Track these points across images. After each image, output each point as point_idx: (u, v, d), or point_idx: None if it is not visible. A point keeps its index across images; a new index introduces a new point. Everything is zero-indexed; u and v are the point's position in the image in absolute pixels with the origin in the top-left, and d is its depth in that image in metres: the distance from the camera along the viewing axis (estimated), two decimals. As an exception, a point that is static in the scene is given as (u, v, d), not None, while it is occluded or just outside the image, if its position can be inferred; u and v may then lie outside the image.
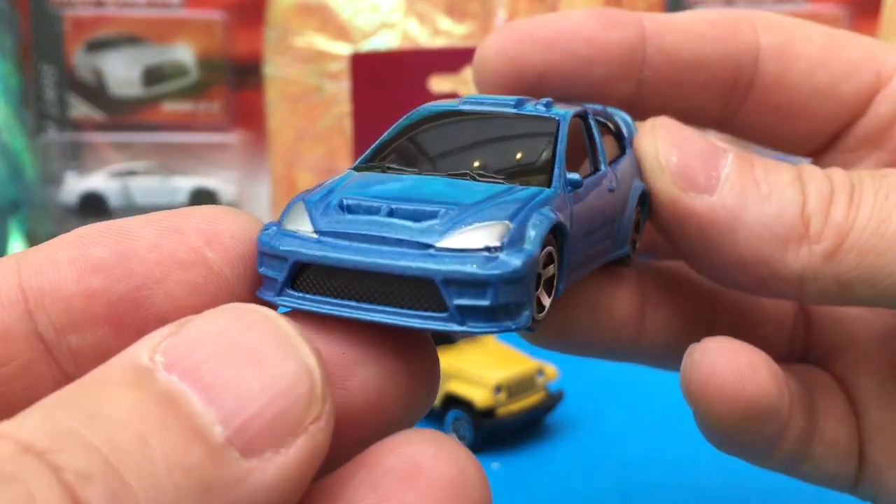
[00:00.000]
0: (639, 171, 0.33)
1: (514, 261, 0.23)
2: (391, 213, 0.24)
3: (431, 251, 0.23)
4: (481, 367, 0.56)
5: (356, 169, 0.28)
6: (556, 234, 0.25)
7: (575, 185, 0.27)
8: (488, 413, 0.54)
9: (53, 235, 0.84)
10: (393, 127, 0.30)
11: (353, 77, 0.79)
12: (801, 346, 0.39)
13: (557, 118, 0.29)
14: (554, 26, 0.34)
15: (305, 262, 0.24)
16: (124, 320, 0.24)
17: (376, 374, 0.24)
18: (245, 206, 0.91)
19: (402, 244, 0.23)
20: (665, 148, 0.31)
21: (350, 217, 0.24)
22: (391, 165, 0.28)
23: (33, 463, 0.17)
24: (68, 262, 0.24)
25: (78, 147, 0.92)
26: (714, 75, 0.35)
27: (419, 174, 0.27)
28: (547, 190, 0.26)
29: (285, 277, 0.24)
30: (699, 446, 0.54)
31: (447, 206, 0.24)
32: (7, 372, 0.23)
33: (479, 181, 0.26)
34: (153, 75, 0.92)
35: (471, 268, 0.23)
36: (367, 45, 0.83)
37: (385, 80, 0.78)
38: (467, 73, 0.79)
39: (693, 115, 0.36)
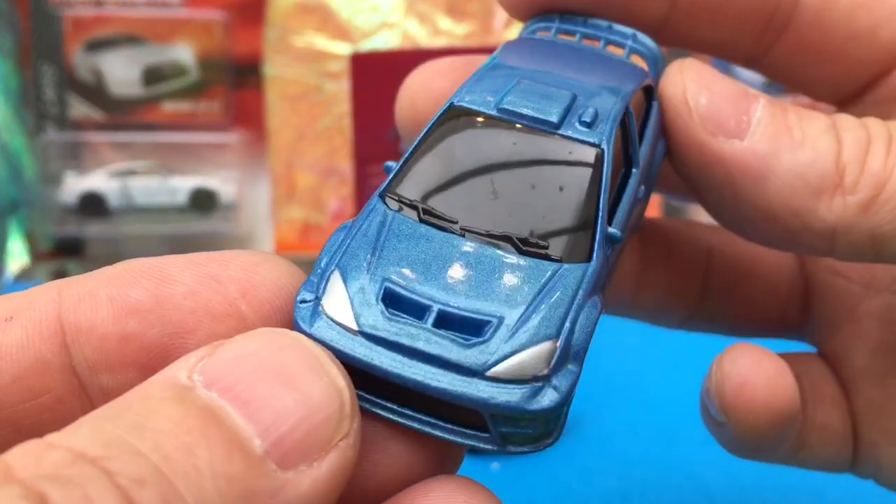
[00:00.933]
0: (661, 123, 0.31)
1: (560, 391, 0.23)
2: (438, 321, 0.23)
3: (480, 380, 0.22)
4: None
5: (384, 196, 0.26)
6: None
7: (614, 241, 0.26)
8: (488, 413, 0.54)
9: (53, 235, 0.85)
10: (423, 134, 0.27)
11: (353, 77, 0.79)
12: (795, 317, 0.39)
13: (601, 147, 0.26)
14: None
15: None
16: (154, 365, 0.23)
17: (408, 448, 0.24)
18: (245, 206, 0.91)
19: (452, 367, 0.22)
20: (694, 89, 0.30)
21: (394, 320, 0.23)
22: (429, 209, 0.25)
23: (88, 468, 0.18)
24: (107, 301, 0.24)
25: (78, 147, 0.92)
26: (751, 4, 0.33)
27: (460, 232, 0.25)
28: (589, 268, 0.24)
29: None
30: (699, 446, 0.54)
31: (495, 315, 0.23)
32: (41, 403, 0.23)
33: (523, 252, 0.24)
34: (153, 75, 0.92)
35: (518, 404, 0.22)
36: (367, 45, 0.83)
37: (385, 80, 0.78)
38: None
39: (723, 48, 0.34)
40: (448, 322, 0.23)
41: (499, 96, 0.27)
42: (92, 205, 0.90)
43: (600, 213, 0.25)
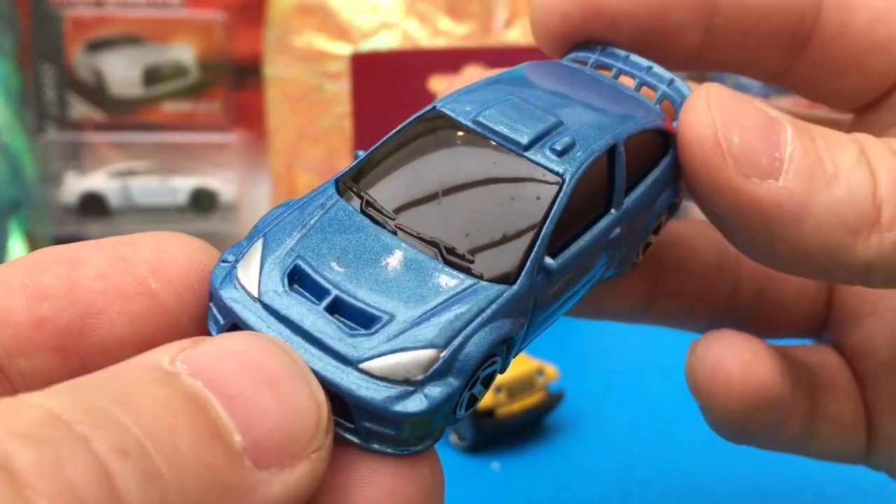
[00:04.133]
0: (674, 168, 0.30)
1: (429, 400, 0.22)
2: (332, 306, 0.23)
3: (352, 370, 0.22)
4: (481, 367, 0.56)
5: (340, 183, 0.26)
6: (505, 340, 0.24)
7: (549, 272, 0.25)
8: (488, 413, 0.54)
9: (53, 235, 0.86)
10: (396, 130, 0.28)
11: (353, 77, 0.79)
12: (820, 316, 0.39)
13: (562, 178, 0.26)
14: None
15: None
16: (68, 348, 0.24)
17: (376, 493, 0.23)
18: (245, 206, 0.91)
19: (329, 351, 0.23)
20: (725, 126, 0.28)
21: (291, 296, 0.23)
22: (372, 200, 0.25)
23: (64, 430, 0.17)
24: (20, 288, 0.24)
25: (78, 147, 0.92)
26: (779, 25, 0.33)
27: (392, 229, 0.25)
28: (508, 291, 0.24)
29: (221, 330, 0.24)
30: (699, 446, 0.54)
31: (389, 313, 0.23)
32: None
33: (445, 260, 0.24)
34: (153, 75, 0.92)
35: (382, 401, 0.22)
36: (367, 45, 0.83)
37: (385, 80, 0.78)
38: (468, 73, 0.79)
39: (749, 68, 0.34)
40: (341, 309, 0.23)
41: (481, 109, 0.27)
42: (92, 205, 0.90)
43: (539, 242, 0.25)
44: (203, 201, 0.91)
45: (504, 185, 0.26)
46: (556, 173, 0.26)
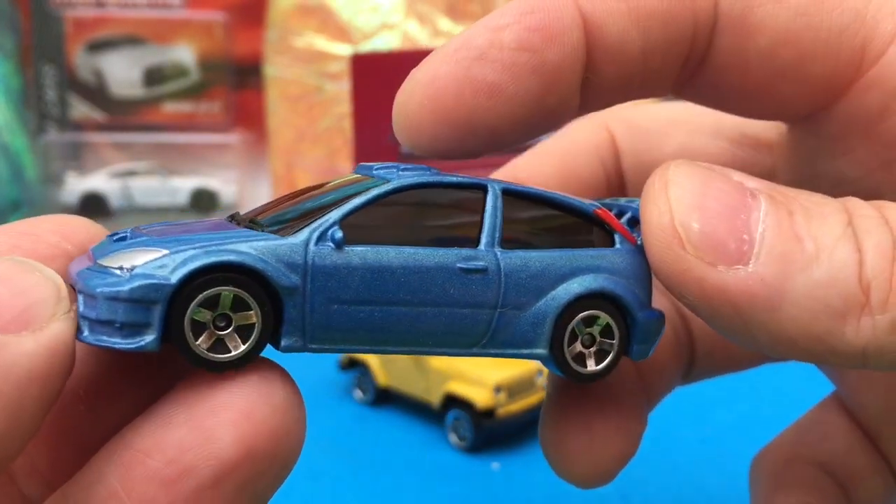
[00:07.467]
0: (623, 265, 0.30)
1: (128, 283, 0.24)
2: (121, 238, 0.26)
3: (94, 266, 0.25)
4: (481, 368, 0.56)
5: (245, 220, 0.30)
6: (259, 279, 0.26)
7: (335, 241, 0.27)
8: (488, 413, 0.54)
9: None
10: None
11: (353, 77, 0.79)
12: None
13: (384, 180, 0.29)
14: (493, 64, 0.29)
15: None
16: None
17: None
18: (245, 207, 0.92)
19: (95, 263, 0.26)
20: (683, 212, 0.26)
21: (108, 243, 0.27)
22: (255, 221, 0.29)
23: None
24: None
25: (78, 147, 0.92)
26: (660, 69, 0.30)
27: (238, 221, 0.29)
28: (275, 239, 0.27)
29: None
30: (699, 446, 0.54)
31: (156, 238, 0.26)
32: None
33: (247, 226, 0.28)
34: (154, 76, 0.92)
35: (90, 281, 0.24)
36: (367, 46, 0.83)
37: (385, 81, 0.78)
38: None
39: (646, 85, 0.31)
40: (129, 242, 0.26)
41: (390, 167, 0.31)
42: (93, 205, 0.90)
43: (328, 215, 0.28)
44: (203, 201, 0.92)
45: (344, 192, 0.30)
46: (383, 178, 0.29)
